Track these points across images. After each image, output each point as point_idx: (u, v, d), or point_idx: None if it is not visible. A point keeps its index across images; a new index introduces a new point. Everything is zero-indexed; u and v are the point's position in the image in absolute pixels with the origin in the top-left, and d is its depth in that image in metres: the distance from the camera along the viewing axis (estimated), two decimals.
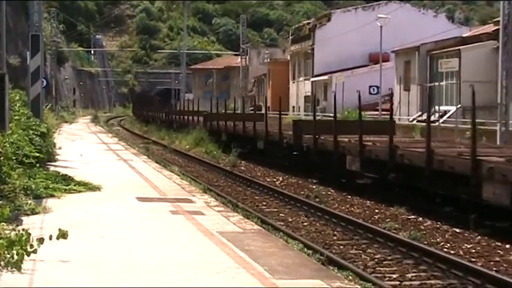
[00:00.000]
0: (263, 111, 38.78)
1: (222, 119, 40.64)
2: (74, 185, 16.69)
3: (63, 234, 8.88)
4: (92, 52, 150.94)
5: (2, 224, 10.40)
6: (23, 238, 8.70)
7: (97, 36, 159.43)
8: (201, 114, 47.02)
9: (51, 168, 19.56)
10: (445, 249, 14.02)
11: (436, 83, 46.77)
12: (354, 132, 22.59)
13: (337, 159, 23.27)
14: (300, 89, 75.61)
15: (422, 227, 16.42)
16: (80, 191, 16.34)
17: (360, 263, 13.02)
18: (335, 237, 15.48)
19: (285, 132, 28.97)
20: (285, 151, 29.19)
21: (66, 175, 17.69)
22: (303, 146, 26.45)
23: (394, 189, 20.58)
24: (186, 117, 52.64)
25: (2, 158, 14.40)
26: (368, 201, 20.27)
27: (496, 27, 36.93)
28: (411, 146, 20.59)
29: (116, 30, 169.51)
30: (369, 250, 14.09)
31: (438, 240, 15.03)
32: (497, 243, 14.48)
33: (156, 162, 27.27)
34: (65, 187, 16.28)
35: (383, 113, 51.31)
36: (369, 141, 21.89)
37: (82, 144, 35.10)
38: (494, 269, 12.50)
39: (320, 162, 25.36)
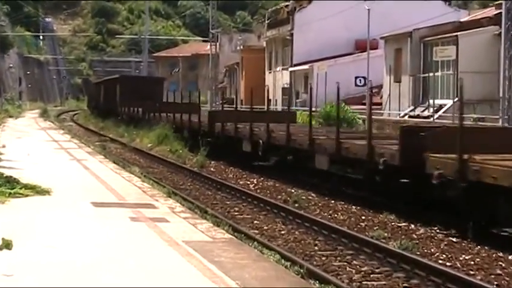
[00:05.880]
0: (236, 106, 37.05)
1: (245, 119, 30.95)
2: (20, 189, 16.58)
3: (7, 245, 8.84)
4: (41, 37, 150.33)
5: None
6: None
7: (46, 19, 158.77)
8: (195, 110, 39.27)
9: None
10: (440, 261, 14.09)
11: (431, 74, 46.95)
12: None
13: None
14: (277, 80, 75.67)
15: (415, 236, 16.47)
16: (26, 195, 16.24)
17: (345, 276, 13.05)
18: (316, 248, 15.49)
19: (380, 146, 20.14)
20: (379, 175, 20.12)
21: (11, 177, 17.57)
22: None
23: None
24: (175, 114, 42.70)
25: None
26: (353, 207, 20.29)
27: (498, 11, 37.14)
28: None
29: (68, 13, 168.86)
30: (355, 262, 14.13)
31: (432, 250, 15.09)
32: (498, 254, 14.56)
33: (114, 163, 27.19)
34: (9, 191, 16.17)
35: (373, 107, 51.51)
36: None
37: (29, 142, 34.91)
38: (496, 283, 12.58)
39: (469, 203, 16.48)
